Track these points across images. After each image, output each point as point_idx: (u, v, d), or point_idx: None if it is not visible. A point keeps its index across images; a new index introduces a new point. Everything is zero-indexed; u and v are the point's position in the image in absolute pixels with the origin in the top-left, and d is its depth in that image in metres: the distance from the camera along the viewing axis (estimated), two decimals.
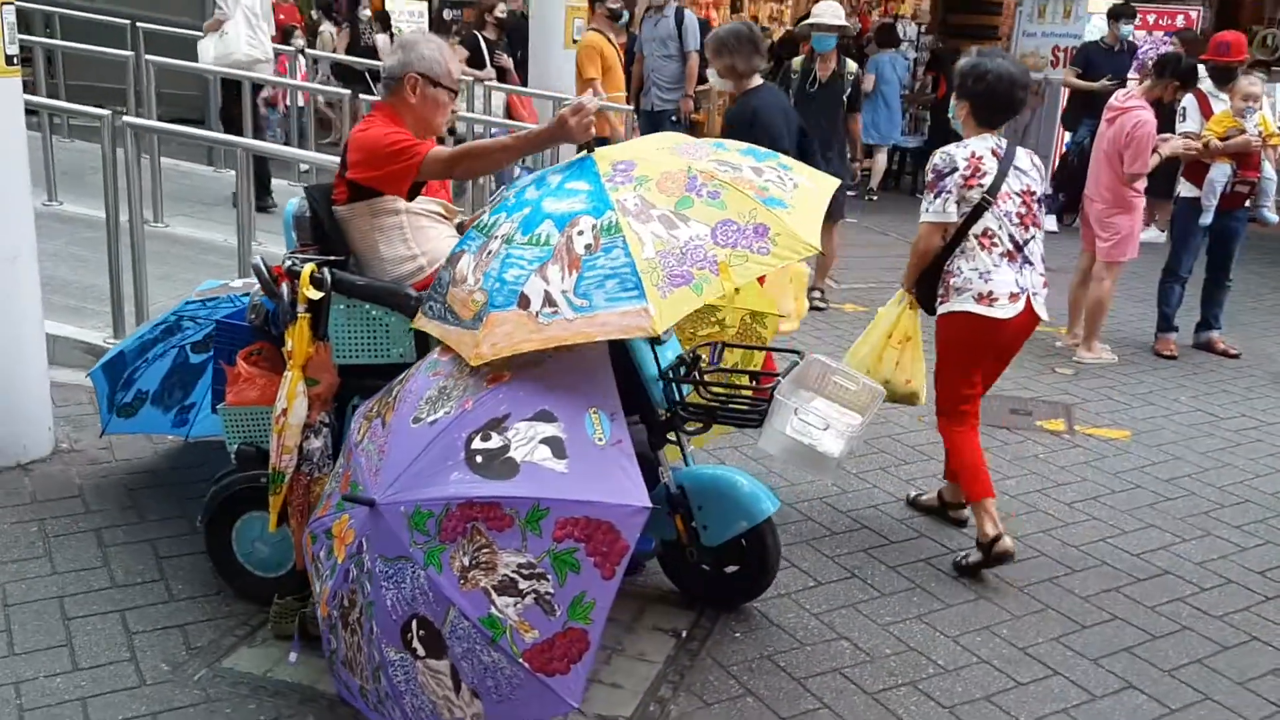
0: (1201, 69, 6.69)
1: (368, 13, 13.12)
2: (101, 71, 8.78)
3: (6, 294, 4.13)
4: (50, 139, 7.26)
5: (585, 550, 2.60)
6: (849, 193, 8.66)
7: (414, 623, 2.67)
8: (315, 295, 3.23)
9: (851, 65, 7.45)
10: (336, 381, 3.32)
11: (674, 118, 9.08)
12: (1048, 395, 5.87)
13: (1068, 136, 10.61)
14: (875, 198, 11.86)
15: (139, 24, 9.18)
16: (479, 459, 2.68)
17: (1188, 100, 6.56)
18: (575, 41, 9.43)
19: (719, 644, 3.45)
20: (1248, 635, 3.66)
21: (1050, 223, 9.65)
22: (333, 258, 3.39)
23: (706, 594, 3.65)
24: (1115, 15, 10.26)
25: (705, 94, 11.52)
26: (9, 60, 4.01)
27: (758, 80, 5.44)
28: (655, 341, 3.41)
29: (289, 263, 3.31)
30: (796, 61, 7.56)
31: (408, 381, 2.98)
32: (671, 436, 3.44)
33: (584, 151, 3.06)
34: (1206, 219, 6.38)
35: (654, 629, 3.51)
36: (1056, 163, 11.05)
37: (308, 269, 3.24)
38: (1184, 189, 6.53)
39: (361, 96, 8.27)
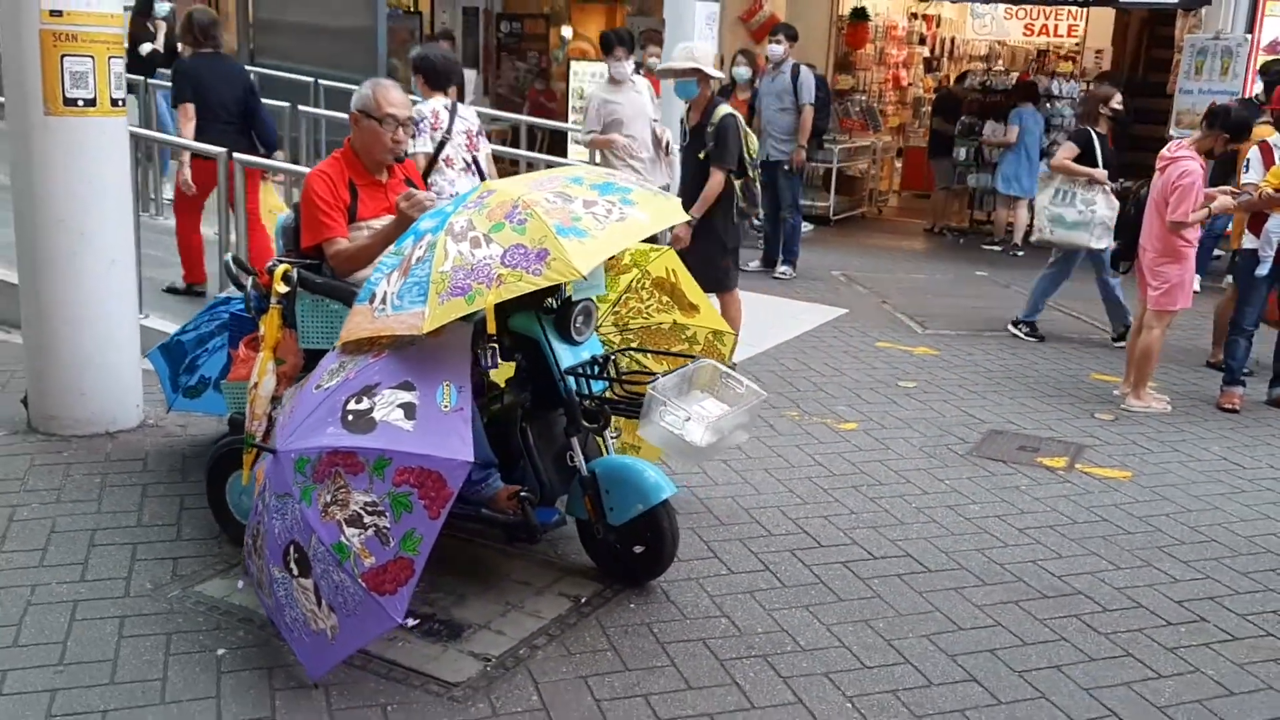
0: None
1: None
2: (291, 123, 9.98)
3: (103, 291, 5.07)
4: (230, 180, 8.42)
5: (418, 494, 3.17)
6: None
7: (291, 547, 3.29)
8: (284, 289, 3.95)
9: (720, 111, 6.34)
10: (301, 363, 4.01)
11: (786, 167, 9.52)
12: (1070, 436, 5.96)
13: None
14: (1020, 253, 11.80)
15: (320, 80, 10.44)
16: (350, 417, 3.29)
17: (1252, 152, 6.51)
18: None
19: (610, 611, 3.90)
20: (1123, 652, 3.79)
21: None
22: (308, 261, 4.10)
23: (619, 571, 4.10)
24: (1264, 71, 10.01)
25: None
26: (113, 103, 4.97)
27: (210, 50, 7.05)
28: (570, 343, 3.96)
29: (270, 264, 4.05)
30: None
31: (325, 357, 3.63)
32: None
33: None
34: (1263, 269, 6.31)
35: (559, 594, 3.99)
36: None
37: (281, 269, 3.97)
38: (1246, 240, 6.47)
39: None
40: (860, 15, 15.13)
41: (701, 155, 6.38)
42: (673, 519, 3.98)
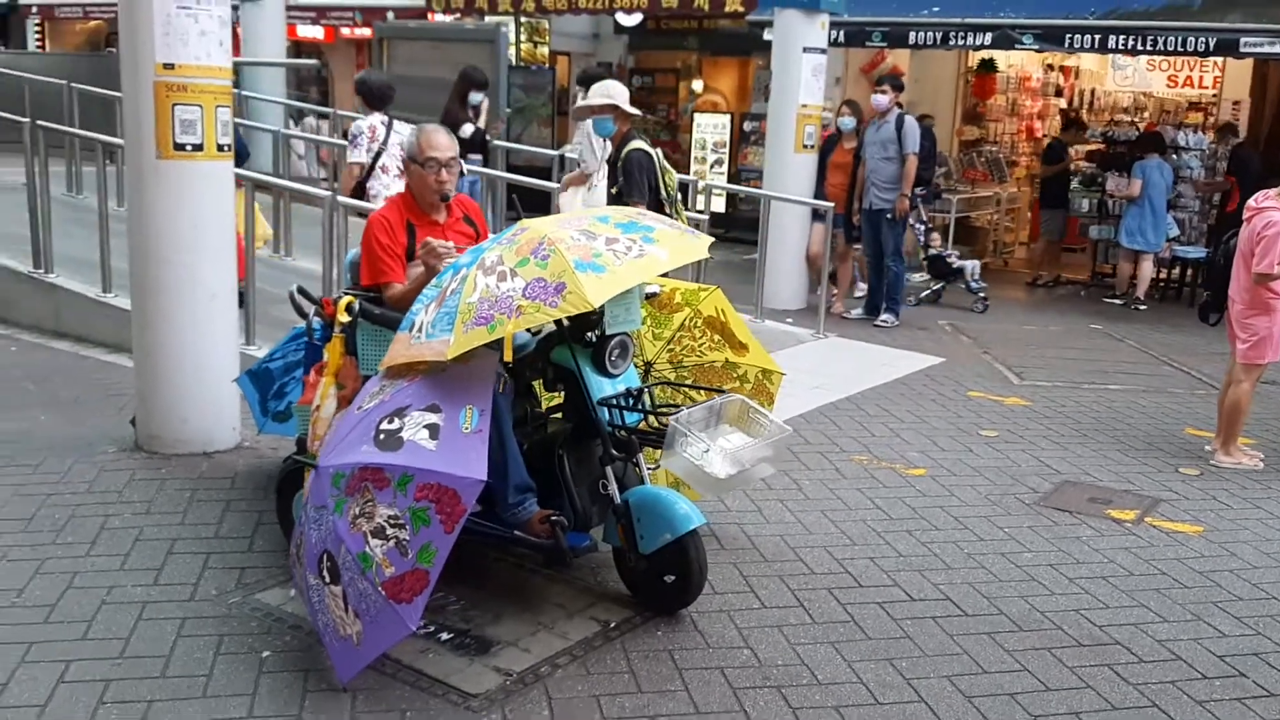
0: None
1: None
2: None
3: (204, 323, 5.48)
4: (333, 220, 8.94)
5: (435, 509, 3.38)
6: None
7: (324, 556, 3.54)
8: (345, 319, 4.24)
9: (629, 146, 6.30)
10: (360, 387, 4.28)
11: (890, 215, 9.54)
12: (1147, 490, 5.82)
13: None
14: (1143, 307, 11.50)
15: None
16: (381, 436, 3.53)
17: None
18: (806, 146, 10.18)
19: (636, 636, 4.03)
20: (1149, 703, 3.73)
21: None
22: (371, 294, 4.40)
23: (651, 599, 4.22)
24: None
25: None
26: (219, 148, 5.41)
27: None
28: (606, 375, 4.15)
29: (336, 296, 4.36)
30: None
31: (369, 381, 3.90)
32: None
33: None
34: None
35: (590, 618, 4.14)
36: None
37: (344, 301, 4.27)
38: None
39: None
40: (988, 67, 15.03)
41: (614, 190, 6.40)
42: (700, 550, 4.08)
